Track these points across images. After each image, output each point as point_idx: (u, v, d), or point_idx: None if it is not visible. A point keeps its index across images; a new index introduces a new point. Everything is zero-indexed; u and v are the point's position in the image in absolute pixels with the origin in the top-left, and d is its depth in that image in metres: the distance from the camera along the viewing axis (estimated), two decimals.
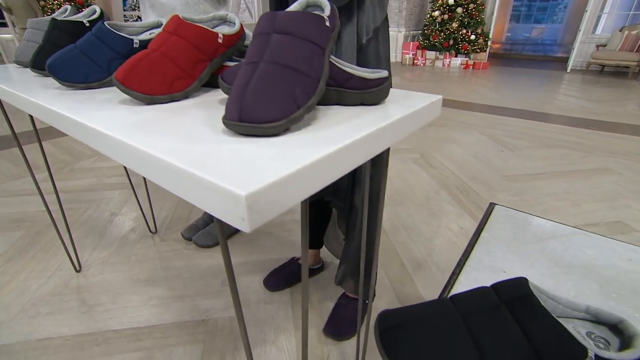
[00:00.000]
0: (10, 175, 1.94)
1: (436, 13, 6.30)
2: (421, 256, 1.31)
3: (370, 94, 0.44)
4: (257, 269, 1.24)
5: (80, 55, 0.57)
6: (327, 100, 0.45)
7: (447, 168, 2.07)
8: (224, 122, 0.34)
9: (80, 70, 0.57)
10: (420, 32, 7.00)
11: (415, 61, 6.74)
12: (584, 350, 0.29)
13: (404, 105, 0.45)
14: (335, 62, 0.42)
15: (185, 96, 0.51)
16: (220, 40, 0.52)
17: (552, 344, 0.29)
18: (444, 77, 5.28)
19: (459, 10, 6.09)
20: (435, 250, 1.34)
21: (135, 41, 0.59)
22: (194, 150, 0.31)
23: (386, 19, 0.69)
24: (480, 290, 0.33)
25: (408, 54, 6.83)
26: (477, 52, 6.25)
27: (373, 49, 0.67)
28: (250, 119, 0.32)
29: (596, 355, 0.30)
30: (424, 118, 0.47)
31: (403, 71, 5.91)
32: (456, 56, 6.38)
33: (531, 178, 1.94)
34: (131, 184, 1.36)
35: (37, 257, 1.30)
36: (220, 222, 0.29)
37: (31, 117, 1.03)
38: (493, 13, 6.58)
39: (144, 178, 1.39)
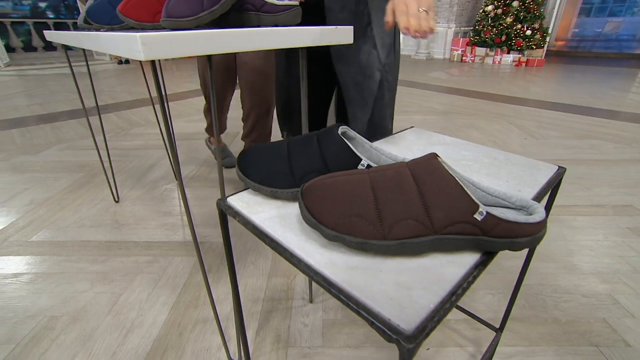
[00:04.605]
0: (82, 136, 2.40)
1: (489, 7, 6.03)
2: None
3: (281, 16, 0.60)
4: None
5: (107, 4, 0.81)
6: (249, 24, 0.61)
7: None
8: (161, 22, 0.52)
9: (107, 15, 0.80)
10: (471, 28, 6.74)
11: (463, 58, 6.53)
12: (358, 159, 0.42)
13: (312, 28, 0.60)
14: None
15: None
16: None
17: (335, 155, 0.42)
18: (491, 73, 5.07)
19: (515, 4, 5.77)
20: None
21: None
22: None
23: None
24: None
25: (457, 50, 6.62)
26: (532, 48, 5.86)
27: None
28: (171, 15, 0.50)
29: (367, 164, 0.42)
30: (323, 37, 0.61)
31: (450, 67, 5.77)
32: (508, 53, 6.04)
33: None
34: (165, 145, 1.71)
35: (90, 191, 1.64)
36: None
37: (95, 96, 1.37)
38: (555, 7, 6.12)
39: (174, 141, 1.68)
